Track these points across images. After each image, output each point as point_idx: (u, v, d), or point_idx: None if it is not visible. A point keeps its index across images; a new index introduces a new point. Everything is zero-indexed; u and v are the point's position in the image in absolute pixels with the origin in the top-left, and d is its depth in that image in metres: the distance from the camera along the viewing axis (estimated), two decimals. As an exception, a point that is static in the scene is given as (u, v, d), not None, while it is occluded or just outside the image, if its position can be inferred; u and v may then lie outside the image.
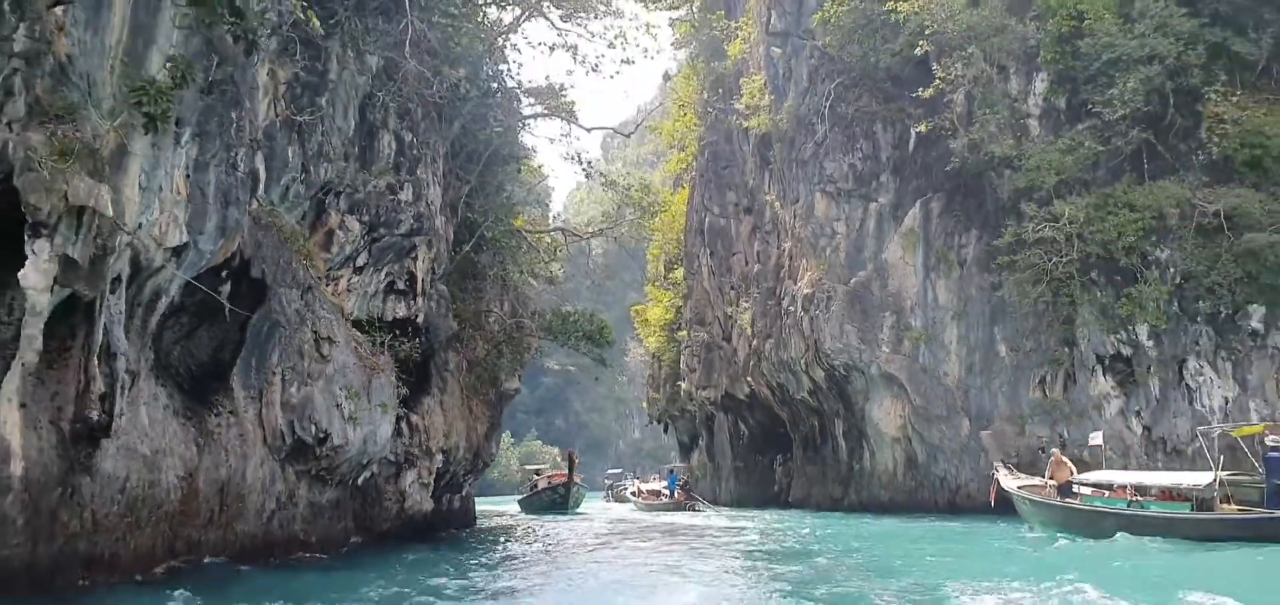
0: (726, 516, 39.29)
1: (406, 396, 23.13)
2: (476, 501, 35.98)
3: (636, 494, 56.47)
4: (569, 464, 51.67)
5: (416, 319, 23.31)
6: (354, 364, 19.82)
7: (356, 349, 20.17)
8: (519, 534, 30.52)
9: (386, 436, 20.99)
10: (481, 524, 34.59)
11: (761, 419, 48.60)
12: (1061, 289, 30.79)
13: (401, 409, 22.78)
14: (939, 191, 35.03)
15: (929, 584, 14.54)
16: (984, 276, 33.62)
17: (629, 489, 62.79)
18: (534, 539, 28.31)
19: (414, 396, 23.89)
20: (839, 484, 39.41)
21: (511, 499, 66.69)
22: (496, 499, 67.15)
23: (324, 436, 18.93)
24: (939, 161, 34.36)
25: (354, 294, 21.44)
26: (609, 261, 72.54)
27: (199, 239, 15.36)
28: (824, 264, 37.15)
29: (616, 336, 41.54)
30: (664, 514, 43.63)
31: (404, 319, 22.93)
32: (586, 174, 39.31)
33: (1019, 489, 25.40)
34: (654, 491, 53.29)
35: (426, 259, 23.08)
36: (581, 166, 36.62)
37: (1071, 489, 23.60)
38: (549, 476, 57.36)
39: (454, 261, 26.49)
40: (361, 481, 21.46)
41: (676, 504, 46.40)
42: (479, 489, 37.84)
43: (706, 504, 47.65)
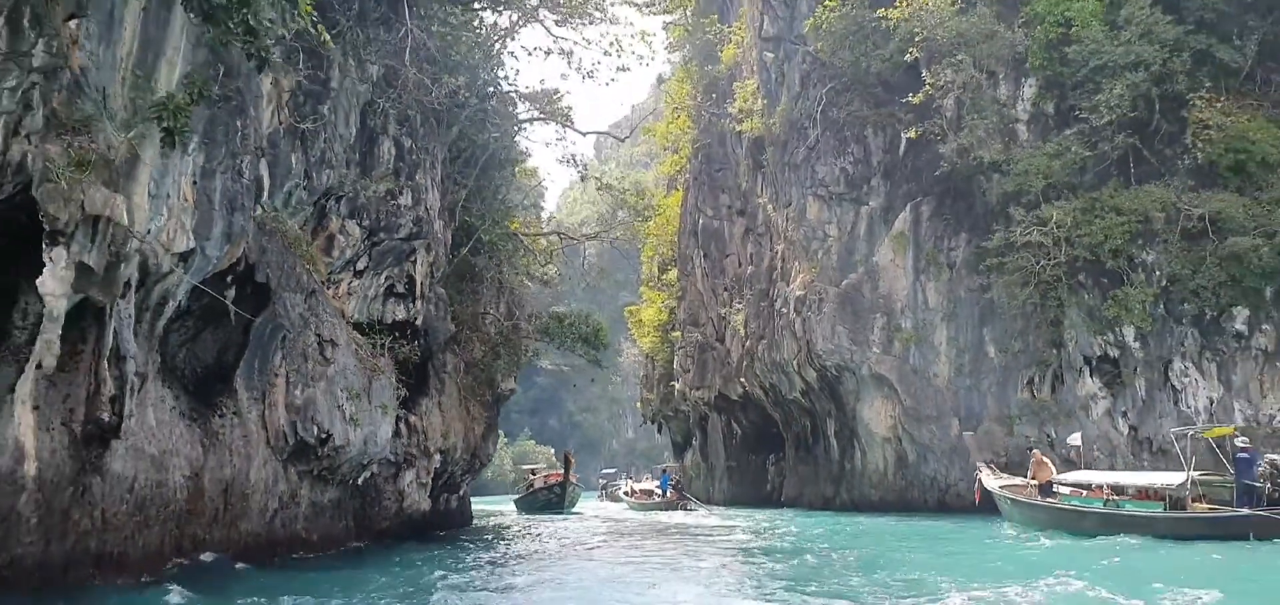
0: (718, 515, 39.71)
1: (405, 398, 23.49)
2: (472, 501, 36.32)
3: (630, 493, 56.95)
4: (565, 464, 52.06)
5: (415, 321, 23.67)
6: (355, 366, 20.21)
7: (357, 351, 20.56)
8: (516, 533, 30.87)
9: (386, 437, 21.38)
10: (478, 524, 34.94)
11: (754, 419, 48.96)
12: (1049, 291, 31.23)
13: (400, 410, 23.14)
14: (929, 195, 35.47)
15: (912, 580, 14.98)
16: (973, 279, 34.05)
17: (622, 489, 63.24)
18: (531, 538, 28.66)
19: (413, 397, 24.25)
20: (831, 483, 39.79)
21: (505, 499, 66.91)
22: (490, 499, 67.36)
23: (326, 437, 19.30)
24: (929, 166, 34.79)
25: (354, 297, 21.81)
26: (602, 262, 72.88)
27: (205, 245, 15.73)
28: (816, 266, 37.57)
29: (610, 337, 41.92)
30: (657, 513, 44.09)
31: (403, 322, 23.29)
32: (582, 177, 39.71)
33: (1001, 489, 26.07)
34: (647, 491, 53.80)
35: (425, 262, 23.44)
36: (577, 170, 37.02)
37: (1052, 489, 24.22)
38: (545, 476, 57.67)
39: (452, 264, 26.88)
40: (361, 481, 21.82)
41: (669, 503, 46.87)
42: (473, 489, 38.15)
43: (698, 503, 48.15)
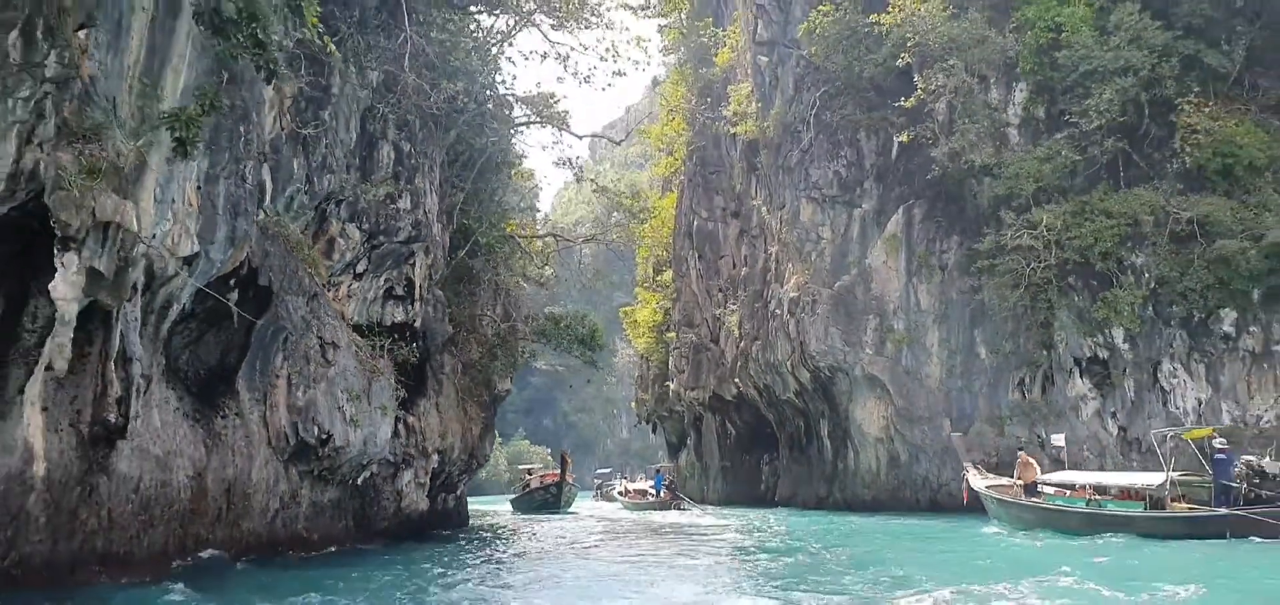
0: (712, 515, 40.03)
1: (404, 399, 23.77)
2: (467, 501, 36.55)
3: (624, 493, 57.32)
4: (562, 464, 52.39)
5: (414, 323, 23.97)
6: (355, 368, 20.50)
7: (357, 353, 20.86)
8: (514, 533, 31.14)
9: (386, 438, 21.68)
10: (475, 524, 35.18)
11: (748, 419, 49.23)
12: (1040, 293, 31.47)
13: (399, 411, 23.42)
14: (921, 198, 35.78)
15: (899, 577, 15.35)
16: (964, 281, 34.33)
17: (617, 489, 63.56)
18: (529, 537, 28.96)
19: (411, 398, 24.52)
20: (824, 483, 40.05)
21: (500, 499, 67.12)
22: (485, 499, 67.58)
23: (326, 438, 19.60)
24: (921, 169, 35.09)
25: (354, 300, 22.10)
26: (597, 263, 73.09)
27: (210, 249, 16.03)
28: (809, 268, 37.88)
29: (605, 337, 42.27)
30: (651, 513, 44.45)
31: (402, 324, 23.59)
32: (577, 179, 39.99)
33: (987, 489, 26.56)
34: (641, 491, 54.22)
35: (424, 265, 23.74)
36: (573, 172, 37.30)
37: (1037, 489, 24.70)
38: (541, 476, 57.93)
39: (449, 267, 27.16)
40: (361, 481, 22.11)
41: (662, 503, 47.22)
42: (468, 489, 38.38)
43: (691, 503, 48.55)
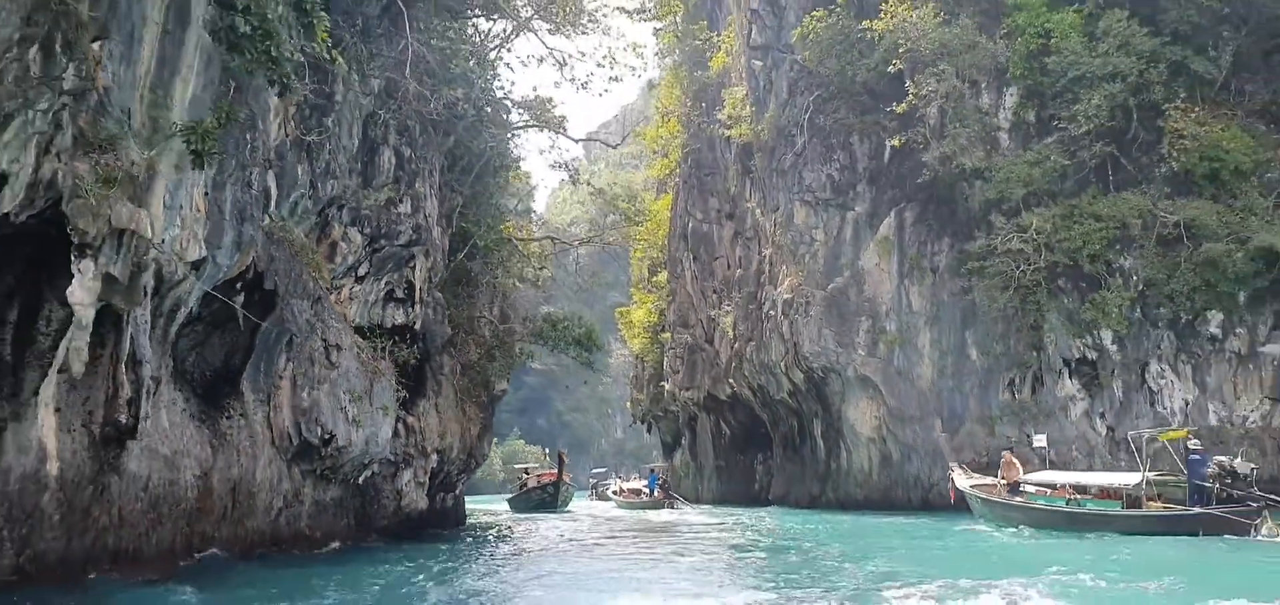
0: (706, 514, 40.46)
1: (404, 399, 24.14)
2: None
3: (618, 492, 57.79)
4: (559, 463, 52.83)
5: (414, 325, 24.35)
6: (357, 369, 20.89)
7: (359, 355, 21.25)
8: (512, 532, 31.50)
9: (387, 438, 22.05)
10: (472, 523, 35.55)
11: (743, 419, 49.62)
12: (1029, 295, 31.88)
13: (399, 411, 23.79)
14: (913, 201, 36.19)
15: (885, 572, 15.85)
16: (955, 283, 34.75)
17: (611, 488, 63.99)
18: (527, 536, 29.34)
19: (411, 399, 24.88)
20: (817, 482, 40.45)
21: (494, 499, 67.44)
22: (479, 498, 67.86)
23: (329, 438, 19.99)
24: (912, 173, 35.51)
25: (356, 302, 22.50)
26: (592, 264, 73.43)
27: (217, 253, 16.40)
28: (803, 270, 38.29)
29: (600, 337, 42.62)
30: (644, 512, 44.96)
31: (402, 325, 23.96)
32: (572, 181, 40.38)
33: (971, 488, 27.16)
34: (635, 490, 54.71)
35: (424, 268, 24.13)
36: (568, 175, 37.67)
37: (1020, 488, 25.28)
38: (538, 475, 58.30)
39: (448, 269, 27.54)
40: (362, 481, 22.50)
41: (656, 502, 47.76)
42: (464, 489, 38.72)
43: (684, 502, 49.15)
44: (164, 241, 14.57)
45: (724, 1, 49.96)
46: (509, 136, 32.01)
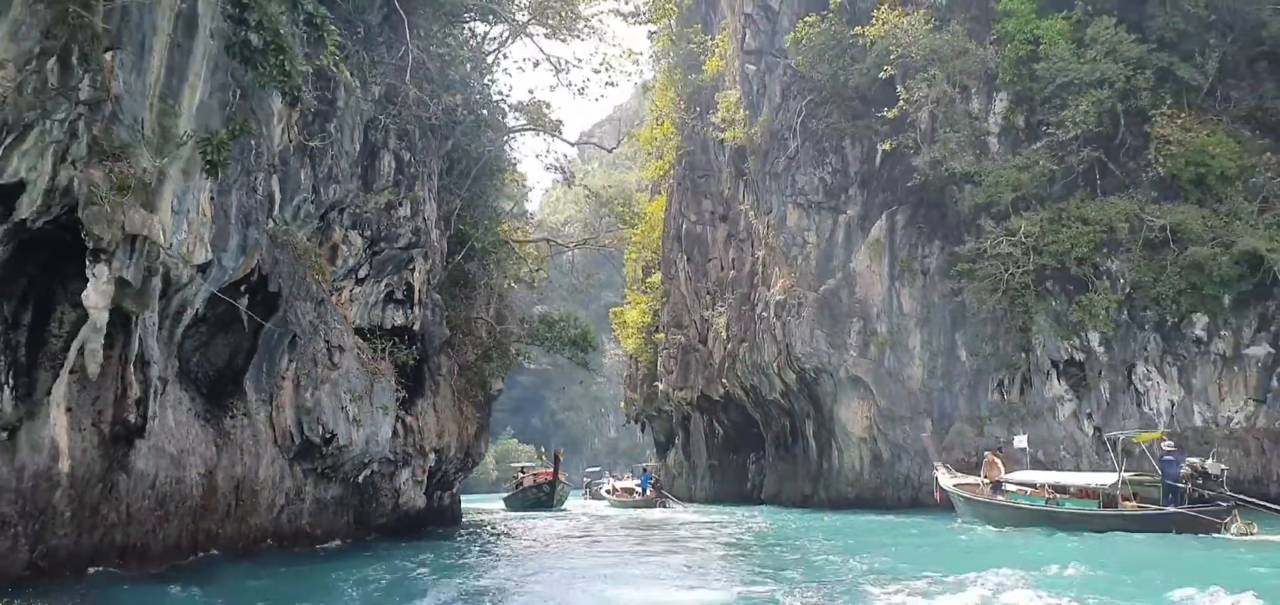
0: (696, 512, 40.88)
1: (403, 399, 24.50)
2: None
3: (611, 491, 58.22)
4: (555, 462, 53.27)
5: (413, 327, 24.71)
6: (357, 369, 21.27)
7: (359, 355, 21.62)
8: (509, 530, 31.81)
9: (386, 437, 22.40)
10: (469, 521, 35.88)
11: (736, 419, 49.99)
12: (1018, 298, 32.36)
13: (398, 411, 24.14)
14: (904, 204, 36.65)
15: (872, 568, 16.27)
16: (945, 285, 35.22)
17: (604, 487, 64.39)
18: (524, 534, 29.68)
19: (409, 399, 25.23)
20: (809, 481, 40.85)
21: (487, 497, 67.79)
22: (472, 497, 68.11)
23: (330, 437, 20.35)
24: (903, 176, 35.98)
25: (356, 304, 22.87)
26: (586, 264, 73.79)
27: (222, 256, 16.78)
28: (795, 272, 38.71)
29: (594, 338, 42.94)
30: (636, 510, 45.43)
31: (402, 327, 24.33)
32: (567, 184, 40.76)
33: (955, 487, 27.69)
34: (628, 489, 55.14)
35: (423, 270, 24.50)
36: (563, 178, 38.04)
37: (1002, 487, 25.88)
38: (534, 474, 58.62)
39: (446, 271, 27.91)
40: (362, 479, 22.86)
41: (648, 501, 48.28)
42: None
43: (676, 501, 49.74)
44: (171, 245, 14.97)
45: (718, 6, 50.32)
46: (506, 139, 32.35)
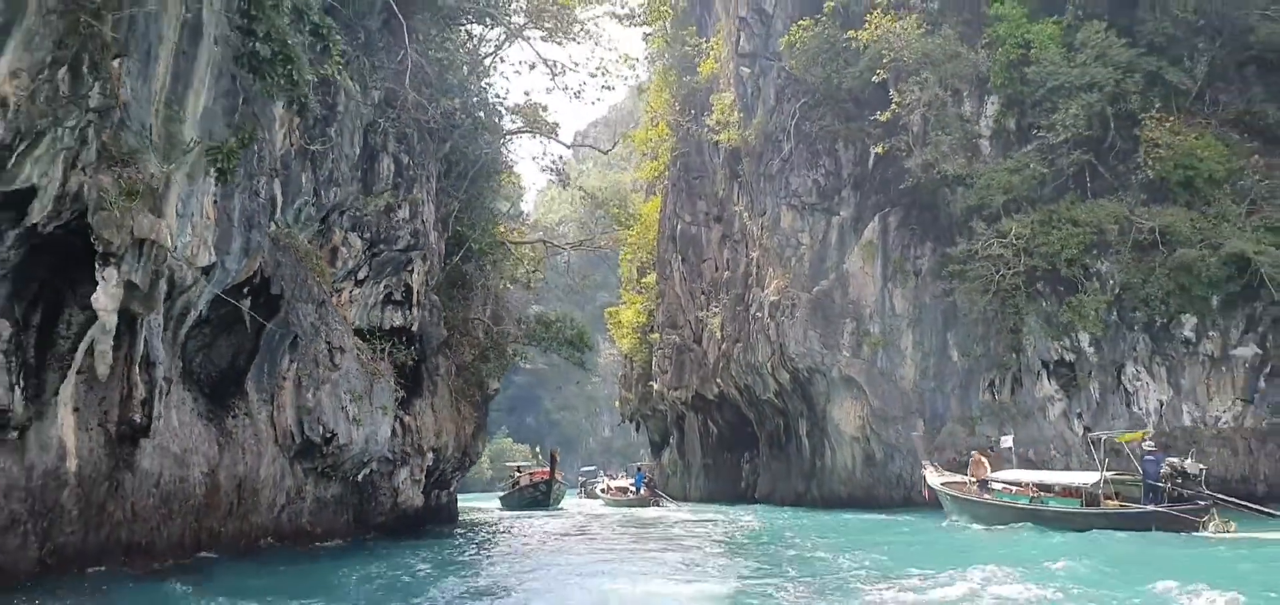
0: (691, 511, 41.23)
1: (401, 399, 24.83)
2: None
3: (605, 490, 58.58)
4: (551, 461, 53.63)
5: (411, 327, 25.04)
6: (357, 370, 21.58)
7: (359, 356, 21.93)
8: (506, 528, 32.09)
9: (385, 437, 22.74)
10: (466, 520, 36.16)
11: (730, 418, 50.21)
12: (1009, 299, 32.50)
13: (397, 411, 24.47)
14: (896, 206, 36.85)
15: (858, 563, 16.64)
16: (937, 286, 35.39)
17: (599, 486, 64.73)
18: (521, 532, 29.94)
19: (408, 399, 25.58)
20: (802, 480, 41.09)
21: (481, 497, 67.98)
22: (466, 496, 68.26)
23: (330, 436, 20.67)
24: (896, 179, 36.18)
25: (356, 305, 23.19)
26: (581, 264, 74.05)
27: (226, 259, 17.10)
28: (789, 273, 38.97)
29: (591, 338, 43.19)
30: (630, 509, 45.78)
31: (400, 328, 24.67)
32: (563, 185, 41.06)
33: (942, 485, 28.13)
34: (622, 488, 55.53)
35: (421, 272, 24.82)
36: (558, 179, 38.34)
37: (988, 486, 26.32)
38: (531, 473, 58.91)
39: (444, 272, 28.21)
40: (361, 478, 23.19)
41: (642, 500, 48.63)
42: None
43: (669, 500, 50.17)
44: (176, 248, 15.27)
45: (713, 8, 50.59)
46: (502, 141, 32.64)
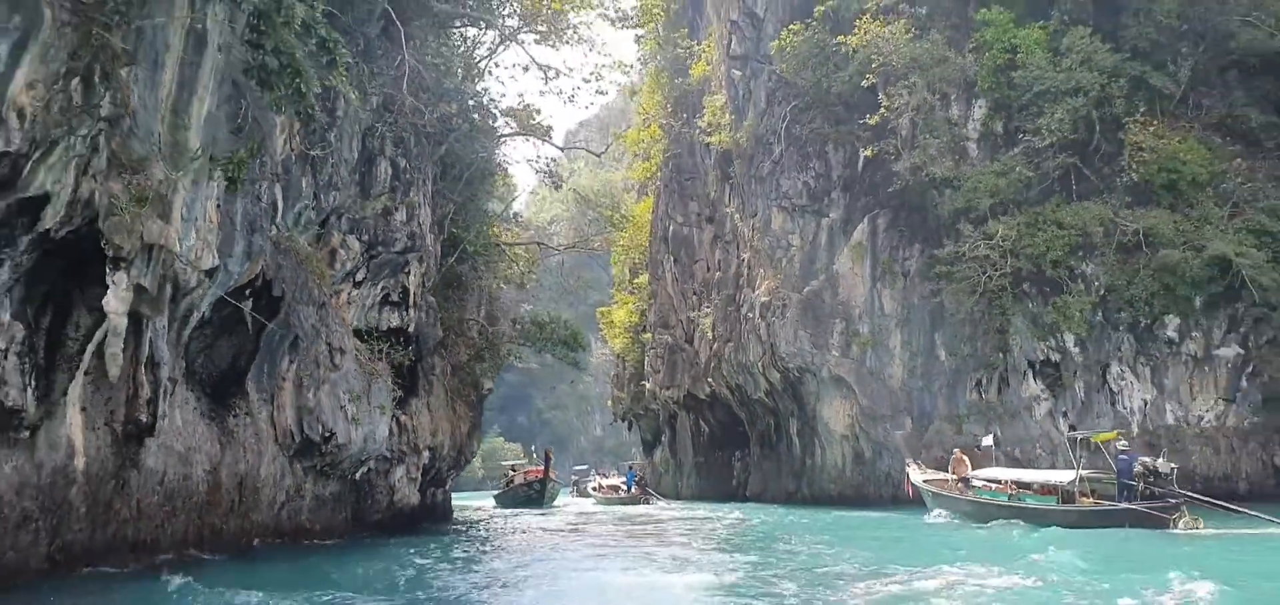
0: (682, 509, 41.62)
1: (398, 398, 25.20)
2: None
3: (597, 488, 58.97)
4: (546, 460, 54.01)
5: (408, 328, 25.43)
6: (356, 370, 21.96)
7: (357, 356, 22.32)
8: (501, 526, 32.47)
9: (383, 436, 23.11)
10: (461, 518, 36.51)
11: (721, 417, 50.53)
12: (995, 300, 33.05)
13: (394, 410, 24.85)
14: (885, 208, 37.28)
15: (840, 557, 17.12)
16: (925, 287, 35.83)
17: (590, 484, 65.12)
18: (517, 530, 30.34)
19: (404, 398, 25.95)
20: (793, 479, 41.51)
21: (472, 495, 68.21)
22: (459, 495, 68.47)
23: (329, 435, 21.04)
24: (885, 181, 36.63)
25: (354, 306, 23.56)
26: (574, 264, 74.40)
27: (229, 262, 17.45)
28: (780, 273, 39.40)
29: (584, 339, 43.53)
30: (621, 507, 46.20)
31: (397, 328, 25.06)
32: (555, 186, 41.42)
33: (924, 482, 28.70)
34: (613, 487, 55.93)
35: (418, 274, 25.22)
36: (551, 182, 38.70)
37: (969, 483, 26.93)
38: (525, 472, 59.24)
39: (440, 273, 28.59)
40: (358, 476, 23.57)
41: (633, 498, 49.14)
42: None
43: (659, 498, 50.68)
44: (182, 252, 15.64)
45: (705, 11, 51.00)
46: (496, 143, 32.99)
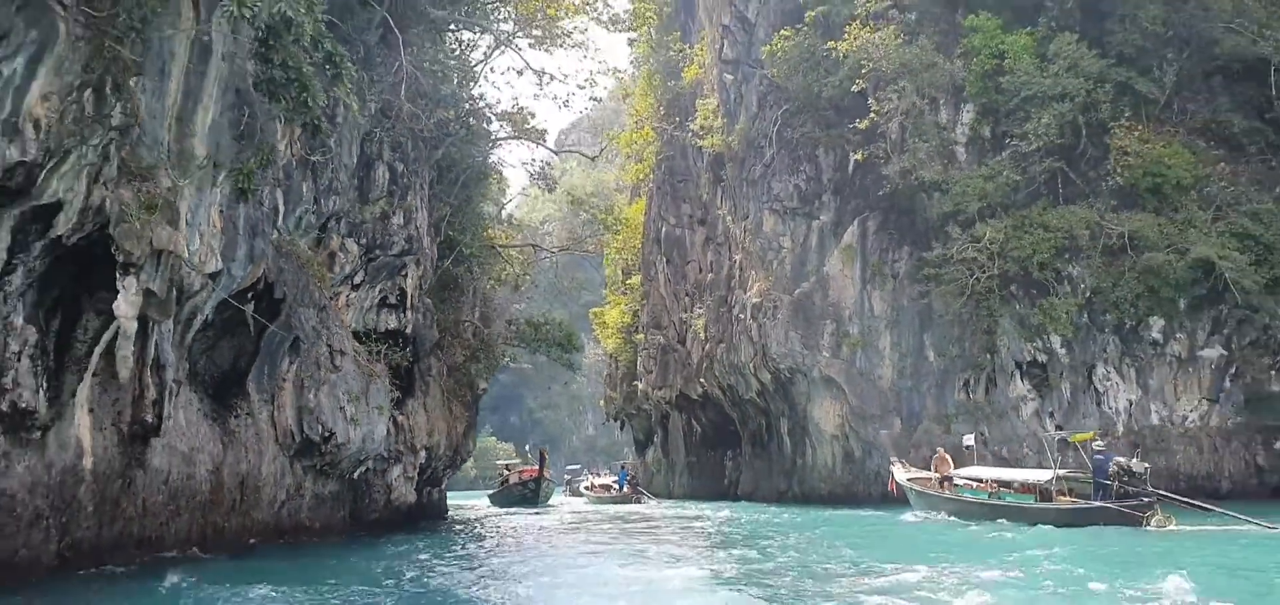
0: (673, 508, 42.00)
1: (395, 399, 25.59)
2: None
3: (589, 488, 59.38)
4: (540, 460, 54.40)
5: (405, 330, 25.81)
6: (355, 371, 22.35)
7: (356, 358, 22.71)
8: (497, 525, 32.77)
9: (381, 435, 23.50)
10: (456, 517, 36.85)
11: (713, 417, 51.02)
12: (983, 301, 33.57)
13: (391, 410, 25.24)
14: (875, 211, 37.74)
15: (825, 549, 17.58)
16: (914, 289, 36.34)
17: (583, 484, 65.54)
18: (512, 528, 30.64)
19: (402, 399, 26.32)
20: (784, 478, 41.94)
21: (466, 494, 68.53)
22: (452, 494, 68.76)
23: (329, 435, 21.42)
24: (875, 184, 37.11)
25: (352, 308, 23.95)
26: (567, 264, 74.68)
27: (232, 265, 17.81)
28: (771, 275, 39.82)
29: (578, 339, 43.88)
30: (612, 506, 46.57)
31: (395, 330, 25.44)
32: (549, 188, 41.81)
33: (908, 481, 29.24)
34: (605, 486, 56.37)
35: (415, 276, 25.61)
36: (545, 184, 39.09)
37: (951, 482, 27.53)
38: (520, 472, 59.57)
39: (436, 275, 28.97)
40: (356, 475, 23.95)
41: (624, 497, 49.53)
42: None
43: (651, 497, 51.14)
44: (186, 256, 16.01)
45: (697, 15, 51.40)
46: (491, 146, 33.39)
